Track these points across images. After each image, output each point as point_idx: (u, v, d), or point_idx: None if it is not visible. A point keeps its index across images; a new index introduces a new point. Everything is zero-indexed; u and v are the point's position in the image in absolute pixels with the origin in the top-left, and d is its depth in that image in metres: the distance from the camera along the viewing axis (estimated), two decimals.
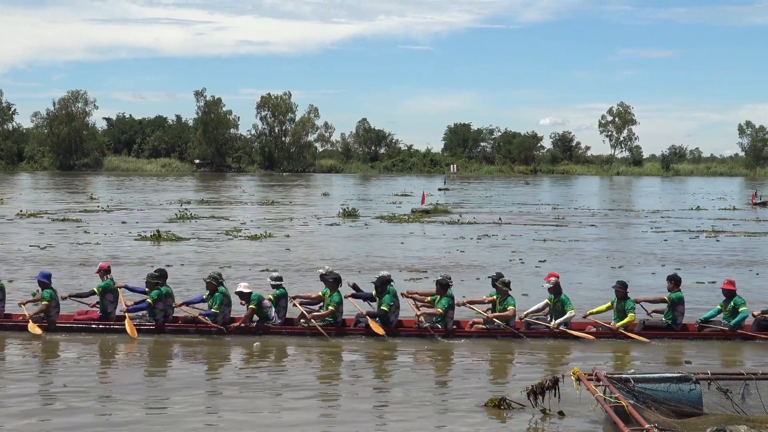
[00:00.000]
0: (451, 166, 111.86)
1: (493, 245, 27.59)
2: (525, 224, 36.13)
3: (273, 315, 13.92)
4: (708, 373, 9.52)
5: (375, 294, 14.07)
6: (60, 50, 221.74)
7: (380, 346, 13.19)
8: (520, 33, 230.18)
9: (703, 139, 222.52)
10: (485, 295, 14.53)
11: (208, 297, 13.89)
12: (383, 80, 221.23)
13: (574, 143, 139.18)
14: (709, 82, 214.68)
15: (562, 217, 40.58)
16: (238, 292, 13.89)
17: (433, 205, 44.55)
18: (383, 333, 13.43)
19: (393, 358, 12.76)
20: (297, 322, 13.87)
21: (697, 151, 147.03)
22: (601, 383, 9.11)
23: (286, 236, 29.56)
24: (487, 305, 14.17)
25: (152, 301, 13.67)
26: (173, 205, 45.39)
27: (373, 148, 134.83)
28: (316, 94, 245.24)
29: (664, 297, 13.99)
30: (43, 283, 13.85)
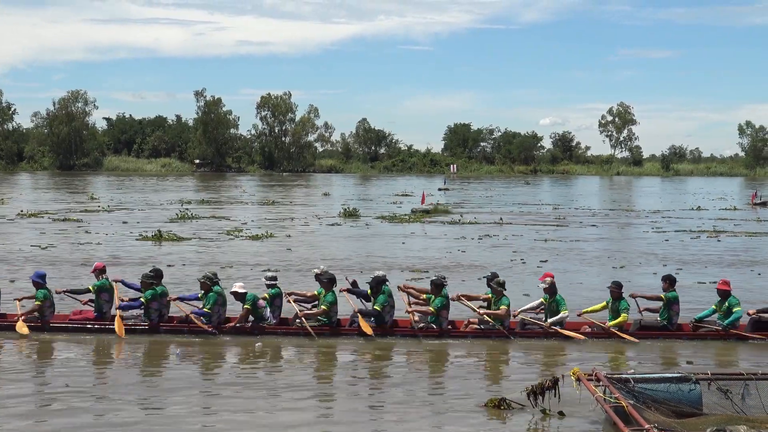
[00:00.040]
0: (451, 166, 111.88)
1: (494, 245, 27.59)
2: (526, 224, 36.12)
3: (268, 315, 13.92)
4: (708, 374, 9.52)
5: (370, 293, 14.10)
6: (60, 50, 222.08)
7: (376, 346, 13.18)
8: (520, 33, 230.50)
9: (703, 139, 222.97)
10: (482, 294, 14.57)
11: (202, 296, 13.91)
12: (383, 80, 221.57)
13: (574, 143, 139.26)
14: (709, 82, 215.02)
15: (563, 217, 40.58)
16: (233, 292, 13.87)
17: (434, 205, 44.54)
18: (371, 333, 13.45)
19: (390, 359, 12.75)
20: (292, 322, 13.88)
21: (697, 151, 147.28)
22: (600, 383, 9.11)
23: (288, 236, 29.55)
24: (482, 303, 14.22)
25: (146, 301, 13.67)
26: (174, 205, 45.38)
27: (373, 148, 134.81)
28: (316, 94, 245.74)
29: (661, 296, 14.03)
30: (38, 284, 13.85)
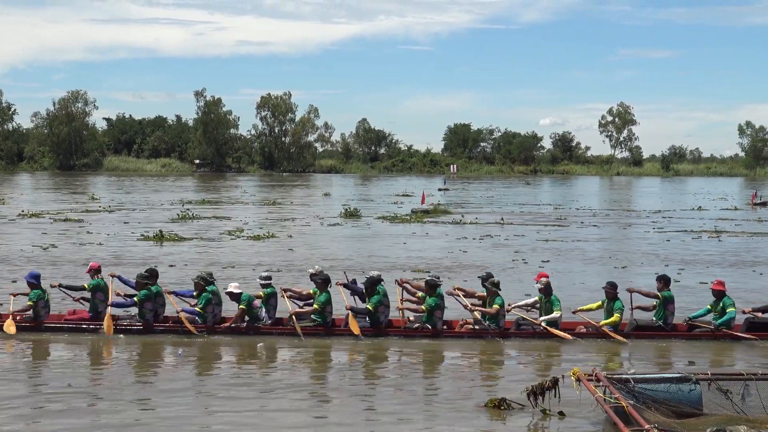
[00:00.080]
0: (451, 166, 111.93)
1: (495, 245, 27.59)
2: (527, 224, 36.12)
3: (263, 315, 13.93)
4: (708, 374, 9.52)
5: (365, 293, 14.12)
6: (60, 50, 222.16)
7: (371, 347, 13.17)
8: (520, 33, 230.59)
9: (703, 139, 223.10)
10: (479, 291, 14.61)
11: (197, 295, 13.91)
12: (383, 80, 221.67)
13: (574, 143, 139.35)
14: (709, 83, 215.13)
15: (564, 218, 40.58)
16: (229, 292, 13.86)
17: (434, 205, 44.56)
18: (359, 333, 13.45)
19: (386, 359, 12.74)
20: (287, 323, 13.88)
21: (697, 152, 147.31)
22: (600, 384, 9.11)
23: (289, 236, 29.55)
24: (477, 300, 14.31)
25: (139, 301, 13.68)
26: (174, 206, 45.36)
27: (373, 148, 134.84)
28: (316, 95, 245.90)
29: (657, 294, 14.07)
30: (32, 284, 13.87)
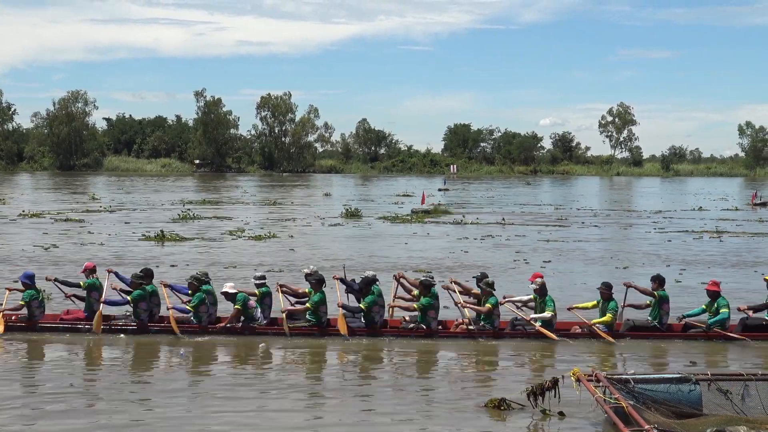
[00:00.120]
0: (451, 166, 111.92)
1: (496, 245, 27.59)
2: (527, 225, 36.12)
3: (259, 316, 13.93)
4: (708, 374, 9.54)
5: (360, 293, 14.13)
6: (60, 50, 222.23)
7: (366, 347, 13.16)
8: (520, 33, 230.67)
9: (703, 139, 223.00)
10: (475, 288, 14.64)
11: (191, 295, 13.93)
12: (383, 80, 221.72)
13: (574, 144, 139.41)
14: (709, 83, 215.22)
15: (565, 218, 40.57)
16: (224, 292, 13.86)
17: (434, 205, 44.57)
18: (345, 332, 13.45)
19: (382, 360, 12.72)
20: (283, 323, 13.89)
21: (697, 152, 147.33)
22: (600, 384, 9.12)
23: (290, 237, 29.55)
24: (471, 298, 14.38)
25: (132, 300, 13.69)
26: (175, 206, 45.36)
27: (373, 148, 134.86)
28: (316, 95, 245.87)
29: (654, 292, 14.06)
30: (26, 284, 13.88)
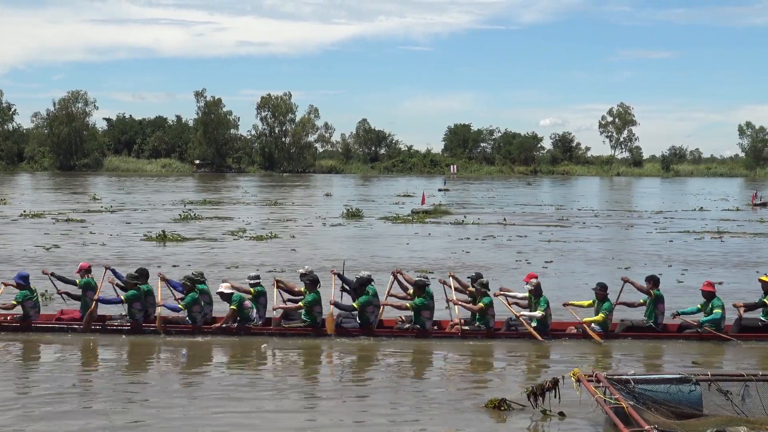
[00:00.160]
0: (451, 166, 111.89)
1: (498, 246, 27.60)
2: (529, 225, 36.15)
3: (255, 316, 13.93)
4: (708, 375, 9.55)
5: (354, 293, 14.15)
6: (60, 50, 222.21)
7: (361, 347, 13.15)
8: (520, 34, 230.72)
9: (703, 139, 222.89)
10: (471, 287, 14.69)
11: (185, 295, 13.96)
12: (383, 81, 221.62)
13: (574, 144, 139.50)
14: (709, 83, 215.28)
15: (566, 218, 40.58)
16: (219, 292, 13.86)
17: (434, 205, 44.59)
18: (331, 332, 13.48)
19: (380, 360, 12.70)
20: (278, 323, 13.91)
21: (697, 152, 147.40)
22: (601, 384, 9.13)
23: (292, 237, 29.55)
24: (466, 296, 14.42)
25: (126, 300, 13.69)
26: (176, 206, 45.38)
27: (373, 148, 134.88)
28: (316, 95, 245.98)
29: (650, 290, 14.08)
30: (20, 285, 13.88)
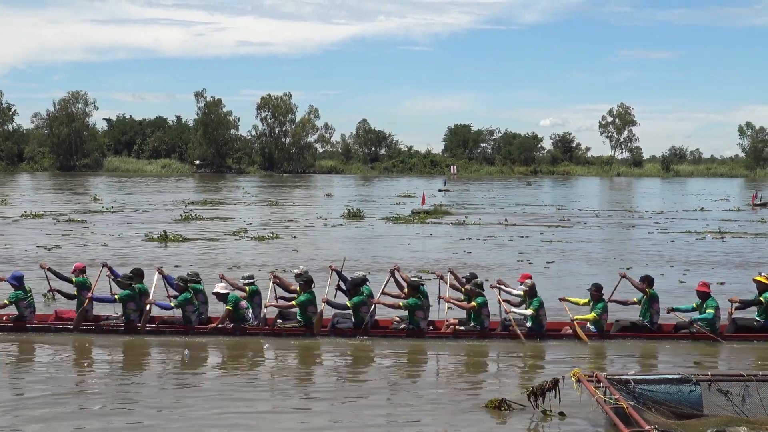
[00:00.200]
0: (452, 167, 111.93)
1: (499, 246, 27.59)
2: (530, 225, 36.15)
3: (250, 316, 13.92)
4: (708, 375, 9.56)
5: (348, 294, 14.18)
6: (60, 51, 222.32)
7: (356, 348, 13.15)
8: (520, 34, 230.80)
9: (703, 139, 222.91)
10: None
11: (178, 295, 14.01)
12: (383, 81, 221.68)
13: (575, 144, 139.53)
14: (709, 83, 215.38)
15: (567, 219, 40.57)
16: (215, 292, 13.87)
17: (434, 206, 44.60)
18: (317, 332, 13.53)
19: (376, 360, 12.69)
20: (273, 323, 13.92)
21: (697, 152, 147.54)
22: (601, 385, 9.13)
23: (293, 237, 29.55)
24: (462, 294, 14.49)
25: (119, 300, 13.72)
26: (176, 206, 45.39)
27: (374, 149, 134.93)
28: (316, 95, 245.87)
29: (645, 288, 14.08)
30: (13, 285, 13.89)
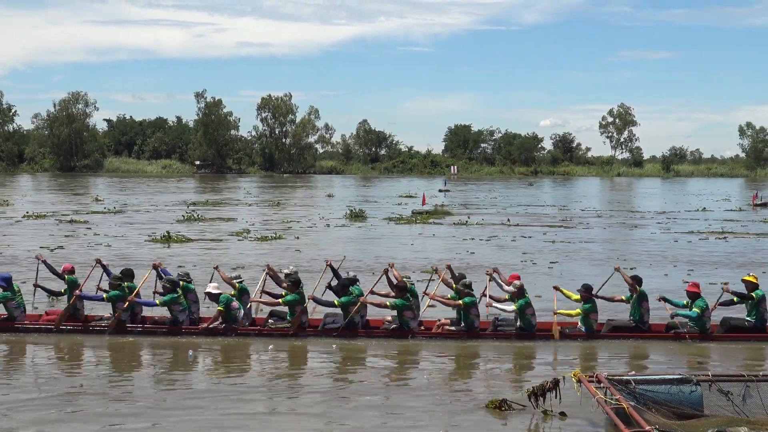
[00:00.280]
0: (452, 167, 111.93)
1: (502, 246, 27.60)
2: (532, 225, 36.16)
3: (242, 317, 13.92)
4: (709, 375, 9.58)
5: (337, 294, 14.21)
6: (60, 51, 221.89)
7: (348, 348, 13.14)
8: (520, 34, 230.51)
9: (703, 139, 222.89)
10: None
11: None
12: (383, 81, 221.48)
13: (575, 144, 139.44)
14: (709, 84, 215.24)
15: (569, 219, 40.58)
16: (207, 293, 13.89)
17: (435, 206, 44.62)
18: (291, 332, 13.55)
19: (369, 361, 12.68)
20: (265, 324, 13.96)
21: (697, 152, 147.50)
22: (601, 385, 9.15)
23: (296, 238, 29.56)
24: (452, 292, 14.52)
25: (108, 300, 13.75)
26: (178, 206, 45.39)
27: (374, 149, 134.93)
28: (317, 96, 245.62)
29: (635, 285, 14.12)
30: (1, 286, 13.88)
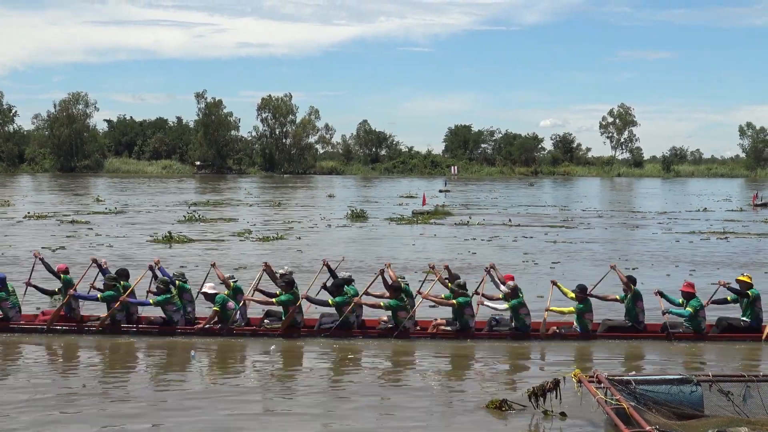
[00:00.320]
0: (452, 167, 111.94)
1: (504, 246, 27.60)
2: (533, 226, 36.15)
3: (238, 317, 13.93)
4: (709, 375, 9.59)
5: (332, 294, 14.22)
6: (60, 52, 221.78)
7: (342, 348, 13.13)
8: (520, 35, 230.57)
9: (703, 140, 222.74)
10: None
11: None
12: (383, 82, 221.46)
13: (575, 145, 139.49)
14: (709, 84, 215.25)
15: (570, 219, 40.57)
16: (203, 293, 13.90)
17: (436, 206, 44.60)
18: (280, 332, 13.52)
19: (367, 361, 12.67)
20: (260, 324, 13.97)
21: (697, 153, 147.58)
22: (602, 385, 9.15)
23: (298, 238, 29.56)
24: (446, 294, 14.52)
25: (102, 299, 13.78)
26: (179, 207, 45.39)
27: (374, 149, 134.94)
28: (317, 96, 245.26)
29: (630, 285, 14.16)
30: None
